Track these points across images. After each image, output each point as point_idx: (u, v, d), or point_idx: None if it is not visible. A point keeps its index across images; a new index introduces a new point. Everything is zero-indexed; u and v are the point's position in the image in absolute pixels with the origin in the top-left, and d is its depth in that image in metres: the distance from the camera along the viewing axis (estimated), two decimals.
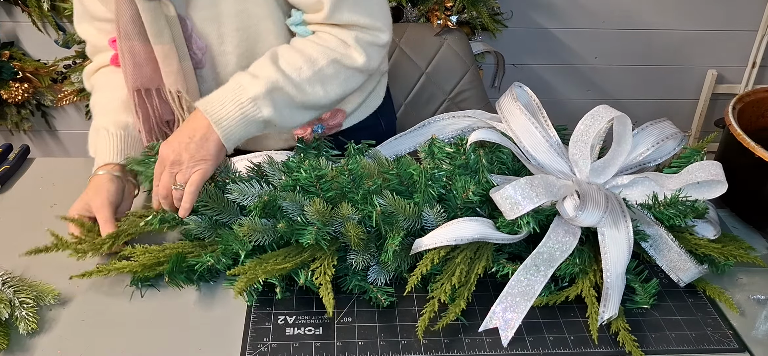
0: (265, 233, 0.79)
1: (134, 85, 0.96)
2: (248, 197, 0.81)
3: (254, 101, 0.86)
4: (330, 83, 0.92)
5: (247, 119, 0.86)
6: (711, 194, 0.86)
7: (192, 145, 0.84)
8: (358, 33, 0.92)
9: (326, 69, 0.91)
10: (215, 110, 0.85)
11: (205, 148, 0.84)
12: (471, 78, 1.65)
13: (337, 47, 0.92)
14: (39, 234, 0.90)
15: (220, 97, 0.87)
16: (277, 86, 0.87)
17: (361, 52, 0.92)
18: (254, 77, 0.87)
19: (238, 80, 0.88)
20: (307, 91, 0.90)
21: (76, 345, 0.74)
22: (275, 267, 0.77)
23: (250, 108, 0.86)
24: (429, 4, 1.76)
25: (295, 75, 0.89)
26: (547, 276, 0.77)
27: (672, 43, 2.13)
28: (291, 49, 0.92)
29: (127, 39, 0.93)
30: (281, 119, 0.89)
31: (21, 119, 1.99)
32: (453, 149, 0.91)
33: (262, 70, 0.88)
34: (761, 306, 0.83)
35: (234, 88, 0.87)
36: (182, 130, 0.86)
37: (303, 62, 0.90)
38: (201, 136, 0.84)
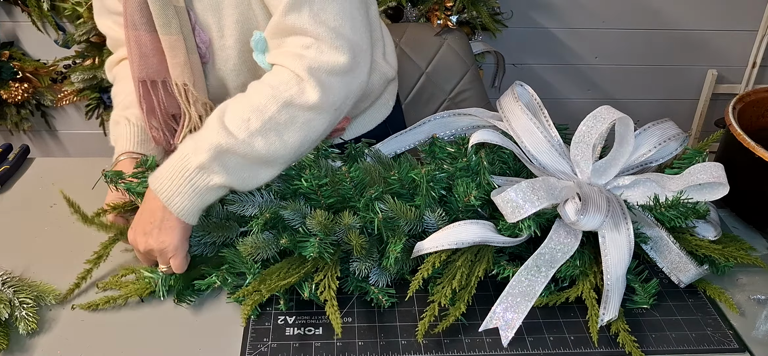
0: (267, 247, 0.79)
1: (140, 76, 0.95)
2: (248, 208, 0.80)
3: (201, 170, 0.78)
4: (286, 131, 0.80)
5: (198, 191, 0.78)
6: (712, 195, 0.86)
7: (154, 231, 0.78)
8: (313, 59, 0.80)
9: (277, 116, 0.79)
10: (165, 187, 0.78)
11: (167, 231, 0.78)
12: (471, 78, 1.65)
13: (288, 85, 0.80)
14: (39, 234, 0.91)
15: (167, 171, 0.79)
16: (221, 150, 0.77)
17: (315, 86, 0.80)
18: (197, 144, 0.79)
19: (183, 149, 0.79)
20: (257, 146, 0.79)
21: (76, 345, 0.74)
22: (279, 282, 0.77)
23: (199, 178, 0.78)
24: (429, 4, 1.76)
25: (242, 131, 0.78)
26: (548, 277, 0.77)
27: (672, 43, 2.13)
28: (239, 100, 0.82)
29: (134, 29, 0.92)
30: (240, 181, 0.80)
31: (21, 119, 1.99)
32: (454, 149, 0.91)
33: (207, 134, 0.79)
34: (761, 306, 0.82)
35: (180, 158, 0.79)
36: (142, 214, 0.81)
37: (250, 113, 0.79)
38: (160, 219, 0.78)
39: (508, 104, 0.95)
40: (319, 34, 0.80)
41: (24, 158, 1.13)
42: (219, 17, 0.93)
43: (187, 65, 0.93)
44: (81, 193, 0.93)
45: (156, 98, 0.96)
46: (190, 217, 0.79)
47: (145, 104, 0.96)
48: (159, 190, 0.79)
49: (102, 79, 1.85)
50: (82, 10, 1.76)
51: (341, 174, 0.82)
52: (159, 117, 0.97)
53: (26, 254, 0.87)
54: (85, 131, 2.11)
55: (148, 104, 0.96)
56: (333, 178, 0.83)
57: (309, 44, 0.81)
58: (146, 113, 0.97)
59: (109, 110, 1.93)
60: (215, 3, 0.92)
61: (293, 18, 0.81)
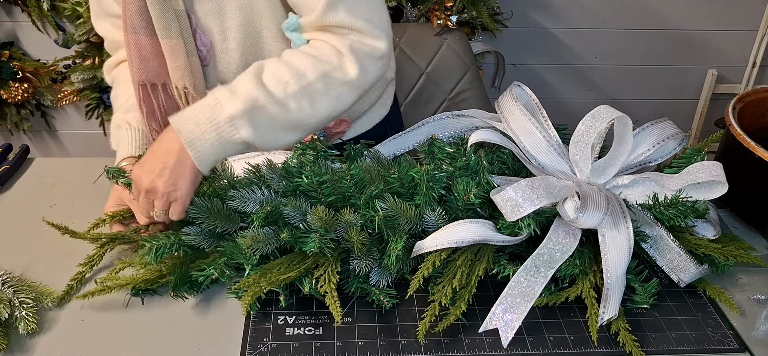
0: (268, 242, 0.79)
1: (139, 79, 0.94)
2: (249, 204, 0.81)
3: (232, 120, 0.79)
4: (319, 100, 0.84)
5: (223, 141, 0.79)
6: (711, 194, 0.86)
7: (166, 172, 0.77)
8: (354, 41, 0.85)
9: (316, 84, 0.83)
10: (189, 129, 0.78)
11: (179, 175, 0.77)
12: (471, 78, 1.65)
13: (329, 58, 0.85)
14: (39, 234, 0.91)
15: (194, 114, 0.79)
16: (257, 105, 0.79)
17: (355, 63, 0.85)
18: (233, 93, 0.80)
19: (215, 96, 0.80)
20: (291, 108, 0.82)
21: (76, 345, 0.74)
22: (279, 276, 0.77)
23: (227, 129, 0.79)
24: (429, 4, 1.76)
25: (280, 91, 0.81)
26: (547, 277, 0.77)
27: (672, 43, 2.13)
28: (278, 62, 0.85)
29: (134, 32, 0.92)
30: (263, 141, 0.82)
31: (21, 119, 1.99)
32: (453, 149, 0.91)
33: (243, 86, 0.80)
34: (761, 306, 0.83)
35: (211, 104, 0.80)
36: (155, 152, 0.80)
37: (290, 76, 0.82)
38: (175, 161, 0.78)
39: (507, 104, 0.95)
40: (357, 26, 0.85)
41: (24, 158, 1.13)
42: (222, 21, 0.93)
43: (187, 68, 0.93)
44: (81, 193, 0.93)
45: (156, 101, 0.96)
46: (205, 166, 0.79)
47: (145, 107, 0.96)
48: (182, 130, 0.78)
49: (102, 79, 1.86)
50: (82, 10, 1.76)
51: (341, 172, 0.82)
52: (159, 120, 0.97)
53: (26, 254, 0.87)
54: (85, 131, 2.11)
55: (148, 107, 0.96)
56: (333, 176, 0.83)
57: (349, 32, 0.85)
58: (146, 116, 0.97)
59: (109, 110, 1.93)
60: (218, 7, 0.91)
61: (330, 17, 0.85)
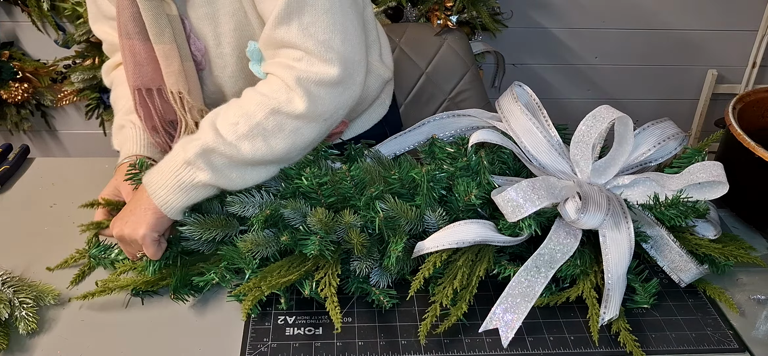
0: (268, 245, 0.79)
1: (135, 84, 0.95)
2: (249, 208, 0.81)
3: (187, 165, 0.80)
4: (273, 137, 0.82)
5: (183, 186, 0.80)
6: (712, 194, 0.86)
7: (130, 219, 0.80)
8: (301, 71, 0.81)
9: (265, 122, 0.81)
10: (154, 180, 0.81)
11: (138, 219, 0.79)
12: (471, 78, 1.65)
13: (277, 94, 0.82)
14: (39, 234, 0.91)
15: (160, 165, 0.82)
16: (208, 148, 0.79)
17: (303, 96, 0.81)
18: (191, 140, 0.81)
19: (175, 147, 0.82)
20: (243, 149, 0.80)
21: (76, 345, 0.74)
22: (279, 280, 0.77)
23: (185, 173, 0.80)
24: (429, 4, 1.76)
25: (230, 133, 0.80)
26: (547, 278, 0.77)
27: (672, 43, 2.13)
28: (232, 105, 0.84)
29: (128, 38, 0.92)
30: (227, 182, 0.81)
31: (21, 119, 1.99)
32: (454, 149, 0.91)
33: (199, 133, 0.82)
34: (761, 306, 0.82)
35: (172, 154, 0.82)
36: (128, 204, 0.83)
37: (239, 117, 0.81)
38: (139, 207, 0.80)
39: (507, 104, 0.95)
40: (308, 48, 0.81)
41: (24, 158, 1.13)
42: (215, 26, 0.93)
43: (181, 73, 0.93)
44: (81, 193, 0.93)
45: (152, 105, 0.96)
46: (172, 211, 0.80)
47: (143, 112, 0.96)
48: (148, 183, 0.81)
49: (102, 79, 1.85)
50: (82, 10, 1.76)
51: (341, 173, 0.82)
52: (157, 124, 0.97)
53: (26, 255, 0.87)
54: (85, 131, 2.11)
55: (145, 111, 0.96)
56: (333, 177, 0.83)
57: (299, 57, 0.82)
58: (144, 120, 0.97)
59: (109, 110, 1.93)
60: (211, 12, 0.91)
61: (282, 31, 0.82)
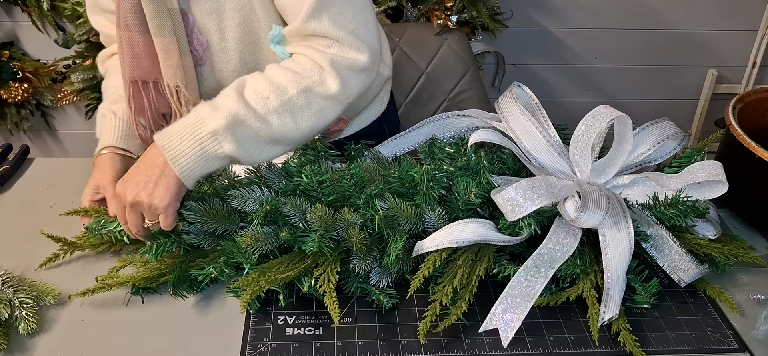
0: (267, 241, 0.79)
1: (131, 76, 0.94)
2: (249, 203, 0.81)
3: (214, 135, 0.79)
4: (301, 115, 0.84)
5: (206, 156, 0.80)
6: (712, 194, 0.86)
7: (149, 185, 0.79)
8: (335, 54, 0.85)
9: (297, 99, 0.83)
10: (172, 146, 0.80)
11: (163, 187, 0.79)
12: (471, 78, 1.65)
13: (310, 73, 0.84)
14: (39, 235, 0.90)
15: (178, 131, 0.80)
16: (238, 119, 0.80)
17: (336, 78, 0.84)
18: (215, 109, 0.81)
19: (198, 112, 0.81)
20: (273, 123, 0.82)
21: (76, 345, 0.74)
22: (278, 276, 0.77)
23: (210, 144, 0.80)
24: (429, 4, 1.76)
25: (261, 106, 0.81)
26: (547, 277, 0.77)
27: (672, 43, 2.13)
28: (260, 78, 0.85)
29: (127, 30, 0.92)
30: (246, 155, 0.82)
31: (21, 119, 1.98)
32: (453, 150, 0.91)
33: (224, 102, 0.81)
34: (761, 306, 0.82)
35: (194, 121, 0.81)
36: (139, 167, 0.81)
37: (270, 92, 0.82)
38: (159, 174, 0.79)
39: (507, 104, 0.95)
40: (339, 37, 0.84)
41: (24, 158, 1.13)
42: (219, 20, 0.92)
43: (180, 67, 0.93)
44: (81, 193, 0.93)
45: (147, 98, 0.96)
46: (189, 180, 0.80)
47: (135, 104, 0.96)
48: (166, 147, 0.79)
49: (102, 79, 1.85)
50: (82, 10, 1.76)
51: (341, 171, 0.82)
52: (148, 116, 0.97)
53: (26, 255, 0.87)
54: (85, 131, 2.11)
55: (138, 103, 0.96)
56: (333, 175, 0.83)
57: (330, 44, 0.85)
58: (135, 112, 0.96)
59: None
60: (216, 7, 0.91)
61: (314, 24, 0.84)
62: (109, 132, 0.97)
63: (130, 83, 0.95)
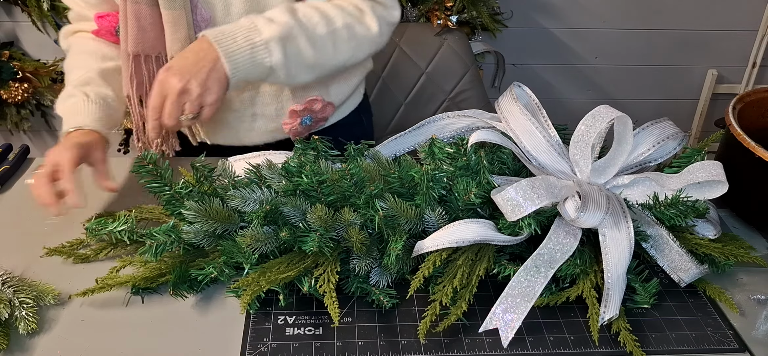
0: (267, 241, 0.79)
1: (135, 50, 0.94)
2: (249, 203, 0.81)
3: (267, 44, 0.84)
4: (342, 45, 0.93)
5: (255, 62, 0.84)
6: (712, 194, 0.86)
7: (202, 74, 0.81)
8: (374, 4, 0.95)
9: (341, 30, 0.92)
10: (228, 44, 0.83)
11: (214, 80, 0.81)
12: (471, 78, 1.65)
13: (353, 12, 0.94)
14: (39, 235, 0.91)
15: (232, 31, 0.84)
16: (291, 34, 0.86)
17: (376, 22, 0.95)
18: (270, 21, 0.86)
19: (252, 20, 0.85)
20: (319, 46, 0.90)
21: (76, 345, 0.74)
22: (278, 276, 0.77)
23: (261, 50, 0.84)
24: (429, 4, 1.76)
25: (311, 28, 0.89)
26: (547, 277, 0.77)
27: (672, 43, 2.13)
28: (308, 6, 0.92)
29: (134, 2, 0.91)
30: (287, 71, 0.87)
31: (21, 119, 1.99)
32: (453, 150, 0.91)
33: (279, 17, 0.86)
34: (761, 306, 0.83)
35: (248, 26, 0.85)
36: (186, 56, 0.82)
37: (319, 18, 0.90)
38: (211, 66, 0.81)
39: (507, 104, 0.95)
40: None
41: (24, 158, 1.13)
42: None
43: (188, 40, 0.93)
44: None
45: (148, 73, 0.96)
46: (235, 80, 0.84)
47: (136, 79, 0.96)
48: (221, 42, 0.82)
49: None
50: None
51: (341, 171, 0.83)
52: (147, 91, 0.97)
53: (26, 254, 0.87)
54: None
55: (138, 79, 0.96)
56: (333, 175, 0.83)
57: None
58: (136, 88, 0.97)
59: None
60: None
61: None
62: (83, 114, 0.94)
63: (133, 58, 0.95)
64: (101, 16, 1.01)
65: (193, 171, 0.89)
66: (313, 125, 1.08)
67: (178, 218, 0.84)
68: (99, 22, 1.02)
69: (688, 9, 2.06)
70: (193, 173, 0.90)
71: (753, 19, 2.09)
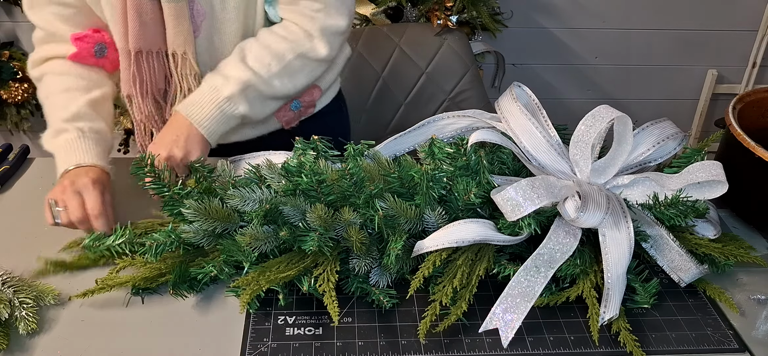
0: (267, 240, 0.79)
1: (136, 46, 0.95)
2: (249, 203, 0.81)
3: (230, 100, 0.94)
4: (297, 75, 0.99)
5: (225, 116, 0.94)
6: (711, 194, 0.86)
7: (181, 142, 0.91)
8: (322, 22, 0.97)
9: (293, 63, 0.98)
10: (195, 113, 0.93)
11: (193, 143, 0.92)
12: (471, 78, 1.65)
13: (302, 41, 0.98)
14: (39, 234, 0.91)
15: (197, 100, 0.94)
16: (249, 85, 0.94)
17: (325, 43, 0.99)
18: (226, 78, 0.94)
19: (211, 83, 0.95)
20: (276, 85, 0.97)
21: (76, 345, 0.74)
22: (278, 275, 0.77)
23: (227, 106, 0.94)
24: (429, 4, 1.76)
25: (265, 72, 0.95)
26: (547, 277, 0.77)
27: (672, 43, 2.13)
28: (258, 46, 0.97)
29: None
30: (254, 112, 0.97)
31: (21, 119, 1.99)
32: (453, 150, 0.91)
33: (233, 71, 0.95)
34: (761, 306, 0.82)
35: (209, 90, 0.94)
36: (166, 133, 0.92)
37: (271, 59, 0.96)
38: (186, 135, 0.92)
39: (507, 104, 0.95)
40: (328, 2, 0.97)
41: (24, 158, 1.13)
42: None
43: (190, 33, 0.96)
44: None
45: (148, 70, 0.98)
46: (213, 138, 0.95)
47: (138, 78, 0.98)
48: (190, 114, 0.93)
49: None
50: None
51: (341, 171, 0.83)
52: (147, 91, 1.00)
53: (26, 255, 0.87)
54: None
55: (141, 77, 0.97)
56: (333, 175, 0.83)
57: (319, 8, 0.97)
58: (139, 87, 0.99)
59: None
60: None
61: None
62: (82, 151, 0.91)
63: (135, 55, 0.96)
64: (79, 38, 0.97)
65: (192, 171, 0.89)
66: (303, 111, 1.12)
67: (177, 218, 0.84)
68: (77, 44, 0.97)
69: (688, 9, 2.06)
70: (193, 174, 0.90)
71: (753, 19, 2.09)
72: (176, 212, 0.84)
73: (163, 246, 0.80)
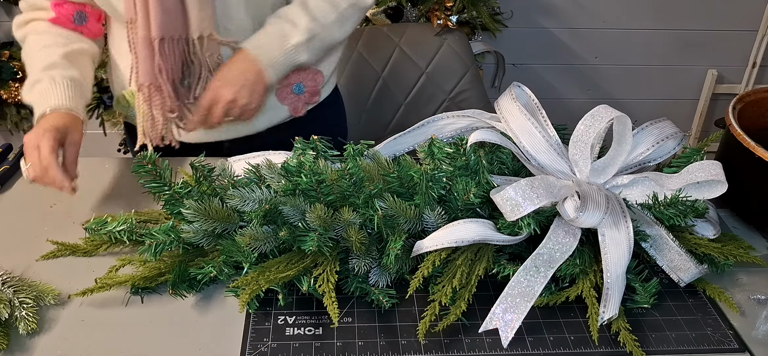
0: (266, 240, 0.79)
1: (160, 34, 0.95)
2: (248, 203, 0.81)
3: (296, 48, 0.99)
4: (346, 23, 1.04)
5: (289, 64, 1.00)
6: (711, 193, 0.86)
7: (247, 86, 0.95)
8: None
9: (346, 11, 1.03)
10: (265, 55, 0.97)
11: (258, 91, 0.97)
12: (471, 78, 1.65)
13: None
14: (39, 235, 0.91)
15: (266, 43, 0.98)
16: (314, 34, 1.00)
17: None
18: (294, 26, 0.99)
19: (280, 28, 0.99)
20: (334, 33, 1.03)
21: (76, 345, 0.74)
22: (278, 275, 0.77)
23: (293, 53, 0.99)
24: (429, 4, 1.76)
25: (325, 19, 1.01)
26: (547, 277, 0.77)
27: (672, 43, 2.13)
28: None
29: None
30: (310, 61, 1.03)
31: (21, 119, 1.99)
32: (453, 150, 0.91)
33: (299, 18, 0.99)
34: (761, 306, 0.83)
35: (278, 36, 0.99)
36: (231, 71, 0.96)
37: (328, 7, 1.02)
38: (254, 78, 0.96)
39: (506, 104, 0.95)
40: None
41: None
42: None
43: (212, 19, 0.97)
44: (80, 193, 0.93)
45: (172, 57, 0.98)
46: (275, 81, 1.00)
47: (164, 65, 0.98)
48: (260, 56, 0.97)
49: (102, 79, 1.86)
50: None
51: (340, 171, 0.83)
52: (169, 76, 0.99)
53: (26, 255, 0.87)
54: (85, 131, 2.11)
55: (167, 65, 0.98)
56: (332, 175, 0.83)
57: None
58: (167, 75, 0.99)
59: (109, 109, 1.93)
60: None
61: None
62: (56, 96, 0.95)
63: (159, 43, 0.96)
64: (58, 4, 1.02)
65: (192, 171, 0.89)
66: (308, 98, 1.13)
67: (177, 217, 0.84)
68: (56, 10, 1.02)
69: (688, 9, 2.06)
70: (192, 173, 0.90)
71: (753, 19, 2.09)
72: (176, 211, 0.85)
73: (163, 246, 0.80)
